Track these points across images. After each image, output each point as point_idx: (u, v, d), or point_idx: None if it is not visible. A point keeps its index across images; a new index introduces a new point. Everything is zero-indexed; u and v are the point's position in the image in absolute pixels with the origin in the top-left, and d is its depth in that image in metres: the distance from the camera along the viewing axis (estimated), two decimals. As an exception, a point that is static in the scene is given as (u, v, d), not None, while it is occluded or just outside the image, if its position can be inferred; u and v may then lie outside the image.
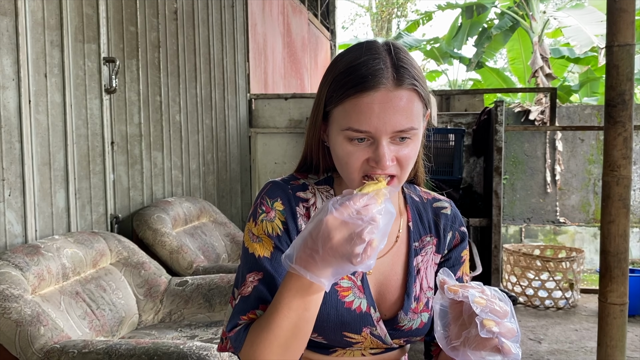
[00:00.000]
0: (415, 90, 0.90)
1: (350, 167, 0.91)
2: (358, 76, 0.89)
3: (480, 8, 9.37)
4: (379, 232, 0.77)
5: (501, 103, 3.50)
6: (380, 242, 0.78)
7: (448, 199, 1.11)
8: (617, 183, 2.17)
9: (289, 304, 0.84)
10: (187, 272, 2.92)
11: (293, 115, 4.35)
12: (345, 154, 0.91)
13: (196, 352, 1.72)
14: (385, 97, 0.87)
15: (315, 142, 1.01)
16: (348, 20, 19.17)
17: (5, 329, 1.81)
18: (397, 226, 1.04)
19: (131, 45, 3.31)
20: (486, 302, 0.81)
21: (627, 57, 2.12)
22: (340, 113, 0.91)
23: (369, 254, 0.76)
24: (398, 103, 0.88)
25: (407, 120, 0.88)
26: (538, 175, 6.54)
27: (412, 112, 0.89)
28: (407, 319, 1.01)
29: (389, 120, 0.87)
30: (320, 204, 1.01)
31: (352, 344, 1.00)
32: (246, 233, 0.99)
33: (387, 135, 0.88)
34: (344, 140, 0.91)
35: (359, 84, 0.88)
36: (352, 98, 0.88)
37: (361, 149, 0.90)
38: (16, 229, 2.32)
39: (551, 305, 4.15)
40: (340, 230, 0.77)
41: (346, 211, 0.77)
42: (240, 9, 4.31)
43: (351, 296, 0.98)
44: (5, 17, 2.27)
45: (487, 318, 0.81)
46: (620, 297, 2.19)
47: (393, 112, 0.87)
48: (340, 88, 0.90)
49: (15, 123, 2.32)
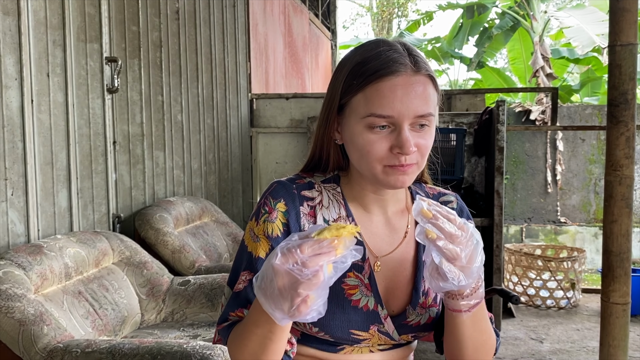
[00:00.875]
0: (431, 77, 0.93)
1: (372, 156, 0.91)
2: (378, 63, 0.90)
3: (481, 8, 9.37)
4: (319, 287, 0.74)
5: (503, 103, 3.50)
6: (319, 297, 0.75)
7: (454, 193, 1.12)
8: (619, 183, 2.17)
9: (256, 321, 0.85)
10: (189, 271, 2.92)
11: (294, 115, 4.35)
12: (366, 143, 0.91)
13: (200, 351, 1.72)
14: (406, 81, 0.90)
15: (326, 140, 1.01)
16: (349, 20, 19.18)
17: (8, 328, 1.81)
18: (405, 222, 1.05)
19: (133, 44, 3.31)
20: (433, 216, 0.83)
21: (629, 57, 2.12)
22: (361, 101, 0.91)
23: (301, 309, 0.75)
24: (418, 88, 0.90)
25: (427, 106, 0.91)
26: (539, 175, 6.54)
27: (430, 98, 0.92)
28: (415, 314, 1.01)
29: (411, 104, 0.89)
30: (327, 202, 1.01)
31: (359, 341, 1.00)
32: (247, 231, 0.99)
33: (409, 120, 0.90)
34: (364, 129, 0.91)
35: (380, 70, 0.90)
36: (374, 84, 0.90)
37: (383, 136, 0.91)
38: (19, 229, 2.32)
39: (553, 305, 4.15)
40: (282, 278, 0.75)
41: (290, 260, 0.75)
42: (241, 9, 4.31)
43: (358, 294, 0.98)
44: (8, 17, 2.27)
45: (429, 229, 0.83)
46: (622, 296, 2.19)
47: (414, 96, 0.89)
48: (359, 76, 0.91)
49: (17, 122, 2.32)
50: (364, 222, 1.02)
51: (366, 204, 1.02)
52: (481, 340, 0.96)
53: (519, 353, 3.29)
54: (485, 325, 0.97)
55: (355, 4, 17.70)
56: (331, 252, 0.75)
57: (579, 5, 9.21)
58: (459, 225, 0.84)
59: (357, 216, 1.02)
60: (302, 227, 0.98)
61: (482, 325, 0.96)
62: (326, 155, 1.03)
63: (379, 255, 1.01)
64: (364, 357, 1.02)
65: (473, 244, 0.84)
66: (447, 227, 0.83)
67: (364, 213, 1.02)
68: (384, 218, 1.03)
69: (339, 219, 1.00)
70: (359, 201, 1.02)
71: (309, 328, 0.99)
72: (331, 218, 1.00)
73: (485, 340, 0.97)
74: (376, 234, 1.02)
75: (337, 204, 1.01)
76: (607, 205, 2.20)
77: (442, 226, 0.82)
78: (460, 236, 0.83)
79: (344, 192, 1.03)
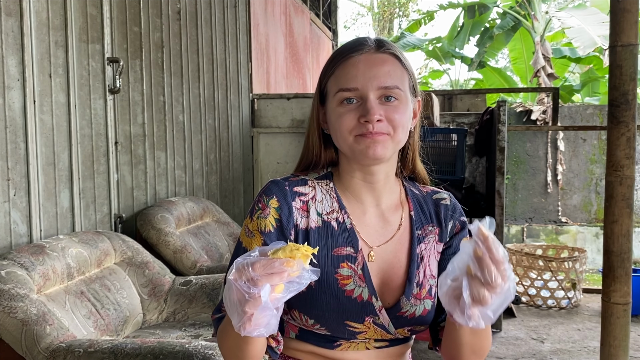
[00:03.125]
0: (397, 57, 1.01)
1: (344, 127, 0.99)
2: (345, 48, 1.02)
3: (482, 8, 9.37)
4: (262, 307, 0.75)
5: (504, 103, 3.51)
6: (263, 317, 0.76)
7: (447, 192, 1.14)
8: (620, 183, 2.17)
9: (229, 322, 0.86)
10: (190, 271, 2.93)
11: (295, 115, 4.36)
12: (338, 116, 1.00)
13: (202, 351, 1.72)
14: (368, 57, 0.99)
15: (315, 135, 1.07)
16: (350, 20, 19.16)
17: (11, 328, 1.82)
18: (399, 216, 1.07)
19: (135, 45, 3.32)
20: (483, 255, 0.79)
21: (630, 57, 2.13)
22: (332, 81, 1.01)
23: (246, 327, 0.76)
24: (381, 62, 0.99)
25: (391, 79, 0.98)
26: (540, 175, 6.55)
27: (396, 74, 0.99)
28: (409, 304, 1.02)
29: (373, 75, 0.98)
30: (320, 196, 1.05)
31: (355, 334, 1.01)
32: (243, 228, 1.04)
33: (373, 91, 0.98)
34: (337, 106, 1.00)
35: (345, 52, 1.01)
36: (340, 63, 1.00)
37: (352, 109, 0.99)
38: (21, 229, 2.33)
39: (554, 305, 4.15)
40: (234, 293, 0.77)
41: (243, 276, 0.76)
42: (242, 9, 4.32)
43: (352, 284, 1.00)
44: (10, 18, 2.27)
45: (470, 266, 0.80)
46: (623, 296, 2.20)
47: (377, 70, 0.98)
48: (331, 62, 1.03)
49: (20, 123, 2.33)
50: (357, 213, 1.05)
51: (358, 194, 1.06)
52: (479, 345, 0.97)
53: (520, 353, 3.29)
54: (486, 332, 0.97)
55: (357, 3, 17.70)
56: (283, 273, 0.75)
57: (580, 6, 9.20)
58: (502, 271, 0.80)
59: (350, 208, 1.05)
60: (295, 222, 1.02)
61: (484, 333, 0.96)
62: (318, 152, 1.08)
63: (372, 246, 1.04)
64: (360, 354, 1.03)
65: (504, 298, 0.81)
66: (490, 272, 0.79)
67: (356, 205, 1.06)
68: (378, 211, 1.06)
69: (332, 212, 1.04)
70: (351, 192, 1.06)
71: (304, 321, 1.00)
72: (324, 211, 1.04)
73: (483, 345, 0.98)
74: (369, 226, 1.05)
75: (330, 198, 1.05)
76: (608, 205, 2.21)
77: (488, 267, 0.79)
78: (499, 286, 0.79)
79: (336, 186, 1.07)
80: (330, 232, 1.02)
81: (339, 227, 1.03)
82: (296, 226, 1.01)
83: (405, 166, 1.11)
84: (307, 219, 1.02)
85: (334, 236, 1.02)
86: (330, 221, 1.03)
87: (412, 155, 1.10)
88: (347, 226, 1.03)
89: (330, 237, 1.02)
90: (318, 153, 1.08)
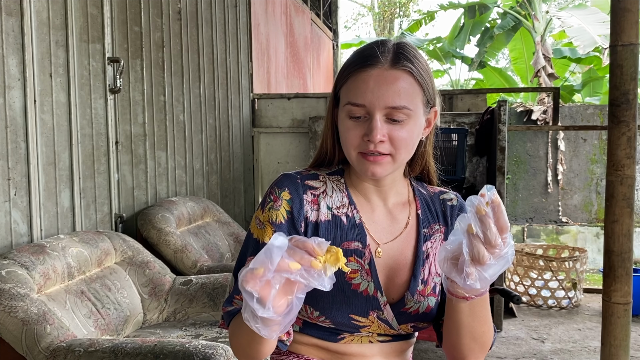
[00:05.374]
0: (411, 74, 0.97)
1: (349, 142, 0.99)
2: (361, 57, 0.99)
3: (482, 8, 9.37)
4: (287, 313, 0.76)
5: (504, 103, 3.50)
6: (289, 322, 0.77)
7: (454, 192, 1.16)
8: (621, 183, 2.17)
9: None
10: (191, 271, 2.93)
11: (296, 115, 4.36)
12: (345, 129, 1.00)
13: (202, 350, 1.72)
14: (380, 74, 0.96)
15: (329, 134, 1.08)
16: (350, 20, 19.16)
17: (11, 327, 1.82)
18: (406, 214, 1.09)
19: (135, 45, 3.32)
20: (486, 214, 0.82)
21: (631, 57, 2.13)
22: (344, 91, 1.00)
23: (270, 331, 0.77)
24: (392, 81, 0.96)
25: (400, 99, 0.96)
26: (540, 175, 6.54)
27: (407, 93, 0.96)
28: (414, 301, 1.03)
29: (382, 95, 0.95)
30: (330, 191, 1.06)
31: (359, 327, 1.02)
32: (253, 220, 1.05)
33: (380, 110, 0.96)
34: (345, 117, 1.00)
35: (360, 63, 0.98)
36: (353, 75, 0.99)
37: (358, 124, 0.98)
38: (22, 228, 2.33)
39: (554, 304, 4.15)
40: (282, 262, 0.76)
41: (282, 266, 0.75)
42: (243, 9, 4.32)
43: (358, 279, 1.02)
44: (11, 17, 2.28)
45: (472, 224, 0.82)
46: (624, 296, 2.20)
47: (386, 89, 0.96)
48: (346, 69, 1.01)
49: (20, 123, 2.33)
50: (365, 210, 1.07)
51: (366, 193, 1.08)
52: (479, 331, 0.98)
53: (521, 353, 3.29)
54: (485, 315, 0.98)
55: (357, 4, 17.70)
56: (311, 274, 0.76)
57: (581, 5, 9.21)
58: (503, 238, 0.83)
59: (359, 204, 1.07)
60: (306, 214, 1.03)
61: (482, 315, 0.97)
62: (332, 150, 1.09)
63: (380, 243, 1.05)
64: (363, 347, 1.04)
65: (503, 263, 0.83)
66: (492, 231, 0.82)
67: (365, 202, 1.08)
68: (385, 209, 1.08)
69: (342, 206, 1.05)
70: (360, 191, 1.08)
71: (310, 313, 1.01)
72: (334, 205, 1.05)
73: (483, 331, 0.98)
74: (377, 223, 1.07)
75: (340, 193, 1.07)
76: (609, 205, 2.21)
77: (489, 226, 0.82)
78: (498, 247, 0.82)
79: (347, 182, 1.09)
80: (340, 226, 1.04)
81: (348, 222, 1.05)
82: (306, 219, 1.03)
83: (413, 170, 1.12)
84: (317, 212, 1.04)
85: (342, 230, 1.04)
86: (340, 215, 1.05)
87: (421, 161, 1.11)
88: (356, 221, 1.05)
89: (340, 231, 1.04)
90: (332, 151, 1.09)
